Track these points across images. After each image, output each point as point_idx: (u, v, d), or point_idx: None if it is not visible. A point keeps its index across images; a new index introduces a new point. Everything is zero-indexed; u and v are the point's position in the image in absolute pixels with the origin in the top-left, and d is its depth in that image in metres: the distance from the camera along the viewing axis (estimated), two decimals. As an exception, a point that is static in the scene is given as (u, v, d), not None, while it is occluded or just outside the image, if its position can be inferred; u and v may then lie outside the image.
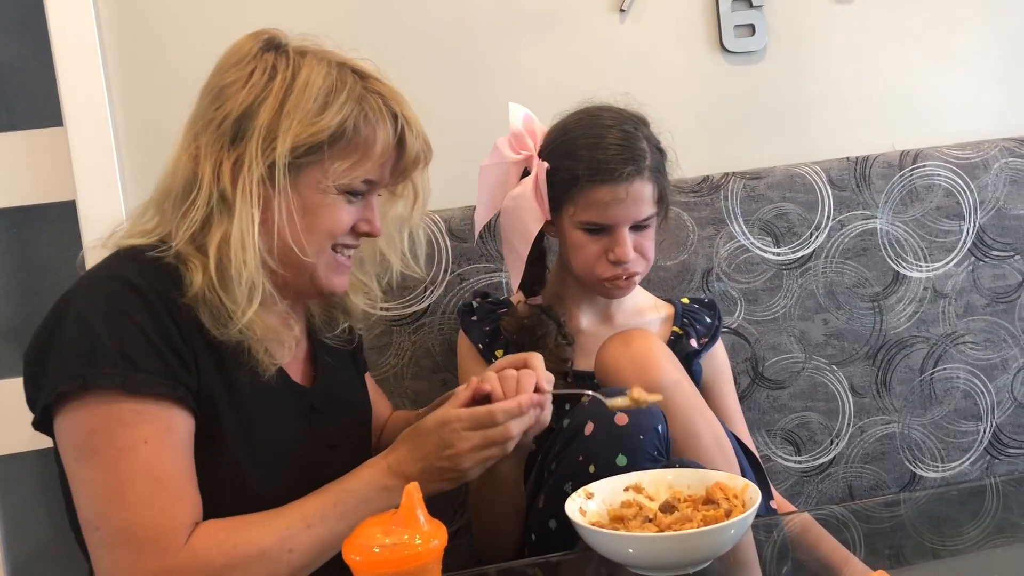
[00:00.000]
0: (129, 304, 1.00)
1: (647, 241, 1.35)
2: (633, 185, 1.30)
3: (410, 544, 0.72)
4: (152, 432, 0.98)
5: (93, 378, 0.96)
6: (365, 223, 1.13)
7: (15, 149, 1.61)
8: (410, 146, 1.12)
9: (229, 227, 1.04)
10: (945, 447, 1.75)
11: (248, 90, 1.06)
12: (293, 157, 1.05)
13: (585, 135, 1.33)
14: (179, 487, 0.99)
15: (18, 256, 1.68)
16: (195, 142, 1.07)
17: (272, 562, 0.99)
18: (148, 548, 0.95)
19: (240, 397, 1.07)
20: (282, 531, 1.00)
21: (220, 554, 0.97)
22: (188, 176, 1.06)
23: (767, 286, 1.69)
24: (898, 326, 1.73)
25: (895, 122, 1.85)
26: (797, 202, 1.70)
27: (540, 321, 1.38)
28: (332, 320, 1.26)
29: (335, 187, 1.08)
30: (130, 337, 0.99)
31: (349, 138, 1.07)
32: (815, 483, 1.71)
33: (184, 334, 1.03)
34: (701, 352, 1.43)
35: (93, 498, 0.98)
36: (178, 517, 0.97)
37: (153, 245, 1.06)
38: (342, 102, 1.06)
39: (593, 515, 1.06)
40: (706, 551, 1.00)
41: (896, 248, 1.74)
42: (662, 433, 1.16)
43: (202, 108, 1.09)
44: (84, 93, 1.57)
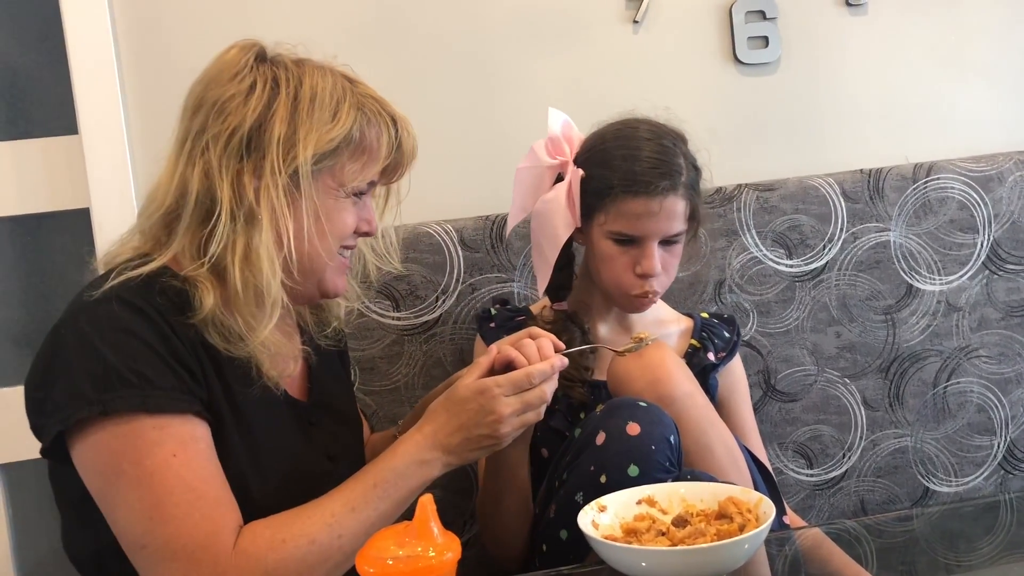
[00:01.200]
0: (133, 323, 1.00)
1: (673, 258, 1.36)
2: (667, 200, 1.30)
3: (424, 556, 0.72)
4: (178, 445, 0.98)
5: (112, 402, 0.96)
6: (365, 223, 1.15)
7: (30, 156, 1.62)
8: (406, 144, 1.15)
9: (252, 242, 1.03)
10: (958, 461, 1.74)
11: (255, 102, 1.05)
12: (315, 163, 1.06)
13: (622, 146, 1.33)
14: (216, 493, 0.99)
15: (32, 263, 1.68)
16: (201, 158, 1.05)
17: (324, 550, 0.99)
18: (199, 556, 0.96)
19: (244, 412, 1.07)
20: (328, 519, 1.01)
21: (271, 549, 0.98)
22: (200, 192, 1.04)
23: (780, 298, 1.69)
24: (911, 339, 1.73)
25: (909, 134, 1.85)
26: (810, 214, 1.70)
27: (565, 327, 1.38)
28: (323, 322, 1.27)
29: (347, 190, 1.10)
30: (141, 356, 0.98)
31: (358, 142, 1.09)
32: (827, 496, 1.70)
33: (190, 350, 1.02)
34: (718, 366, 1.43)
35: (132, 519, 0.97)
36: (221, 522, 0.98)
37: (156, 266, 1.04)
38: (348, 107, 1.09)
39: (606, 528, 1.05)
40: (719, 566, 1.00)
41: (910, 261, 1.73)
42: (674, 444, 1.16)
43: (203, 123, 1.06)
44: (99, 102, 1.57)
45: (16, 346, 1.68)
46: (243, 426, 1.07)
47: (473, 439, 1.08)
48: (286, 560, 0.98)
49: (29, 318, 1.68)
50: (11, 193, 1.62)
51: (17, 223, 1.65)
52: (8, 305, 1.67)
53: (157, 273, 1.04)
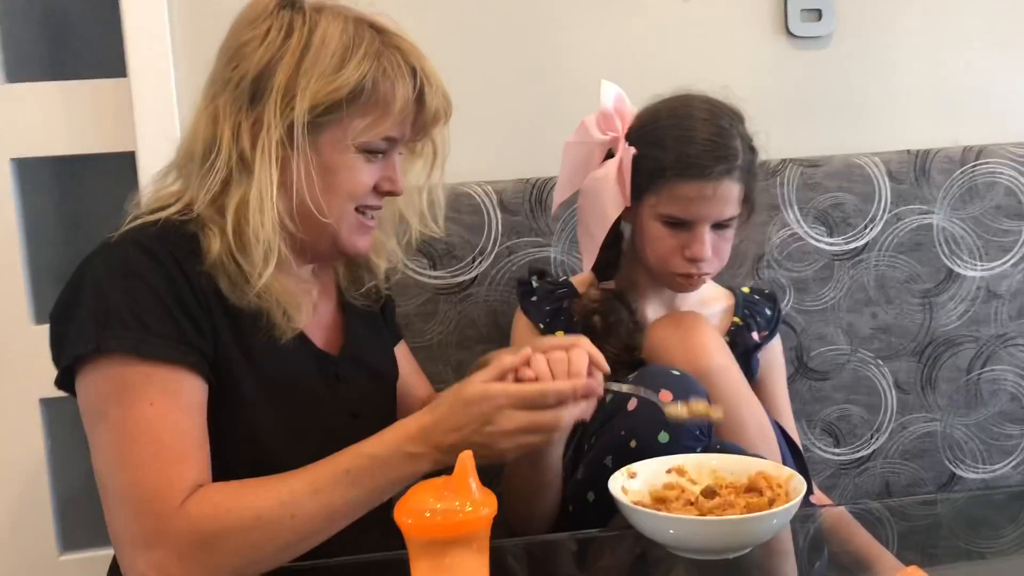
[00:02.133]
0: (144, 268, 1.00)
1: (725, 243, 1.32)
2: (721, 184, 1.26)
3: (461, 511, 0.73)
4: (158, 393, 0.97)
5: (106, 341, 0.97)
6: (387, 182, 1.11)
7: (79, 98, 1.63)
8: (429, 102, 1.10)
9: (248, 189, 1.02)
10: (987, 449, 1.74)
11: (265, 49, 1.04)
12: (312, 116, 1.03)
13: (677, 125, 1.29)
14: (182, 449, 0.97)
15: (77, 204, 1.71)
16: (213, 103, 1.06)
17: (272, 527, 0.95)
18: (143, 508, 0.94)
19: (259, 363, 1.06)
20: (284, 496, 0.96)
21: (214, 517, 0.94)
22: (207, 138, 1.05)
23: (817, 276, 1.68)
24: (948, 324, 1.71)
25: (960, 116, 1.82)
26: (854, 192, 1.68)
27: (612, 307, 1.36)
28: (358, 279, 1.25)
29: (355, 146, 1.06)
30: (144, 301, 0.99)
31: (368, 95, 1.05)
32: (852, 476, 1.71)
33: (200, 300, 1.02)
34: (761, 346, 1.41)
35: (100, 459, 0.98)
36: (177, 478, 0.96)
37: (175, 211, 1.05)
38: (360, 58, 1.04)
39: (635, 494, 1.06)
40: (747, 538, 1.01)
41: (951, 245, 1.71)
42: (706, 414, 1.16)
43: (219, 68, 1.07)
44: (148, 46, 1.58)
45: (59, 284, 1.67)
46: (259, 376, 1.06)
47: (468, 445, 0.96)
48: (226, 530, 0.94)
49: (73, 257, 1.66)
50: (59, 133, 1.63)
51: (64, 163, 1.67)
52: (52, 244, 1.69)
53: (175, 216, 1.05)
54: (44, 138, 1.63)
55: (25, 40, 1.66)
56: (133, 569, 0.94)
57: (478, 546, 0.75)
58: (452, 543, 0.73)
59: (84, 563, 1.70)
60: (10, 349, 1.63)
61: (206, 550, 0.94)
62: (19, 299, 1.64)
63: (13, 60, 1.64)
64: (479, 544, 0.75)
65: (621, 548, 1.15)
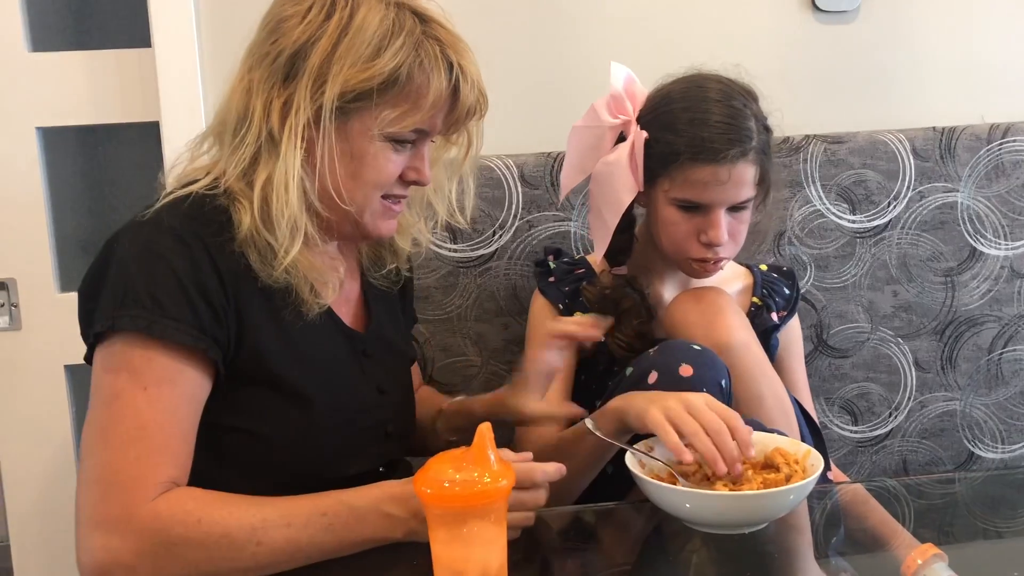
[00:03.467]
0: (168, 250, 0.99)
1: (741, 225, 1.30)
2: (736, 167, 1.24)
3: (479, 481, 0.74)
4: (155, 381, 0.97)
5: (121, 320, 0.96)
6: (413, 171, 1.09)
7: (104, 67, 1.64)
8: (464, 97, 1.07)
9: (274, 167, 1.02)
10: (1007, 428, 1.73)
11: (304, 27, 1.02)
12: (341, 102, 1.01)
13: (689, 108, 1.26)
14: (164, 440, 0.96)
15: (102, 173, 1.72)
16: (249, 75, 1.05)
17: (235, 549, 0.94)
18: (113, 492, 0.94)
19: (294, 339, 1.06)
20: (255, 521, 0.95)
21: (181, 523, 0.93)
22: (240, 110, 1.04)
23: (839, 253, 1.67)
24: (970, 303, 1.70)
25: (987, 93, 1.79)
26: (878, 170, 1.67)
27: (624, 294, 1.34)
28: (379, 260, 1.24)
29: (382, 135, 1.04)
30: (163, 282, 0.98)
31: (401, 85, 1.03)
32: (869, 454, 1.71)
33: (226, 282, 1.01)
34: (780, 326, 1.40)
35: (87, 432, 0.98)
36: (152, 469, 0.95)
37: (205, 184, 1.05)
38: (397, 48, 1.02)
39: (652, 468, 1.07)
40: (763, 514, 1.01)
41: (976, 223, 1.69)
42: (725, 388, 1.16)
43: (259, 39, 1.06)
44: (173, 16, 1.58)
45: (84, 252, 1.72)
46: (294, 352, 1.06)
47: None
48: (190, 540, 0.93)
49: (96, 226, 1.72)
50: (84, 103, 1.64)
51: (88, 133, 1.68)
52: (77, 212, 1.71)
53: (207, 190, 1.04)
54: (69, 107, 1.64)
55: (50, 10, 1.66)
56: (86, 548, 0.94)
57: (496, 517, 0.75)
58: (470, 514, 0.74)
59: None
60: (36, 316, 1.65)
61: (165, 553, 0.93)
62: (45, 267, 1.66)
63: (38, 30, 1.65)
64: (497, 515, 0.76)
65: (638, 521, 1.16)
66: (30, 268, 1.65)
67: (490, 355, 1.61)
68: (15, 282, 1.65)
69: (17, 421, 1.67)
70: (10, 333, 1.65)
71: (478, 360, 1.61)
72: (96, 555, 0.93)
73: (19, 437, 1.67)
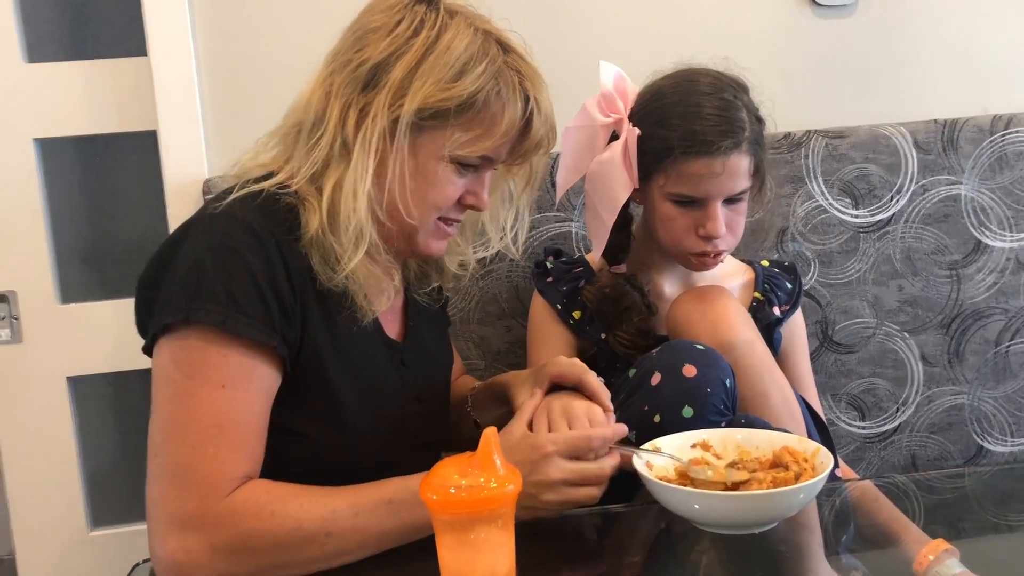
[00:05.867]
0: (244, 245, 1.00)
1: (739, 216, 1.30)
2: (730, 159, 1.25)
3: (485, 487, 0.73)
4: (231, 377, 0.97)
5: (196, 313, 0.97)
6: (472, 196, 1.10)
7: (100, 77, 1.64)
8: (535, 131, 1.09)
9: (344, 173, 1.03)
10: (1016, 422, 1.72)
11: (391, 40, 1.04)
12: (417, 118, 1.03)
13: (681, 102, 1.27)
14: (241, 437, 0.98)
15: (100, 183, 1.71)
16: (330, 78, 1.06)
17: (306, 541, 0.95)
18: (191, 489, 0.95)
19: (344, 345, 1.07)
20: (326, 513, 0.96)
21: (255, 516, 0.95)
22: (318, 111, 1.05)
23: (843, 248, 1.66)
24: (976, 296, 1.69)
25: (989, 84, 1.78)
26: (880, 164, 1.66)
27: (624, 292, 1.35)
28: (425, 277, 1.25)
29: (450, 156, 1.06)
30: (239, 278, 0.98)
31: (477, 110, 1.05)
32: (877, 450, 1.70)
33: (294, 282, 1.02)
34: (783, 320, 1.40)
35: (158, 427, 0.98)
36: (229, 466, 0.96)
37: (277, 182, 1.06)
38: (479, 73, 1.04)
39: (660, 469, 1.06)
40: (773, 513, 1.00)
41: (980, 216, 1.68)
42: (730, 388, 1.16)
43: (344, 45, 1.08)
44: (168, 24, 1.58)
45: (84, 263, 1.71)
46: (343, 358, 1.07)
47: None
48: (263, 532, 0.95)
49: (96, 237, 1.72)
50: (80, 113, 1.64)
51: (86, 143, 1.68)
52: (76, 224, 1.70)
53: (278, 189, 1.05)
54: (66, 118, 1.64)
55: (45, 20, 1.66)
56: (163, 546, 0.94)
57: (503, 522, 0.75)
58: (477, 519, 0.74)
59: (114, 538, 1.72)
60: (37, 329, 1.65)
61: (240, 547, 0.94)
62: (45, 278, 1.65)
63: (33, 40, 1.64)
64: (504, 520, 0.75)
65: (646, 523, 1.15)
66: (30, 280, 1.65)
67: (493, 358, 1.60)
68: (15, 295, 1.64)
69: (21, 435, 1.66)
70: (11, 346, 1.64)
71: (481, 363, 1.60)
72: (175, 556, 0.93)
73: (23, 451, 1.66)
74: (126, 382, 1.72)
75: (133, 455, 1.76)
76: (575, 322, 1.38)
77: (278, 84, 1.61)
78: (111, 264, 1.72)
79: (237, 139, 1.62)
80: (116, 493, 1.75)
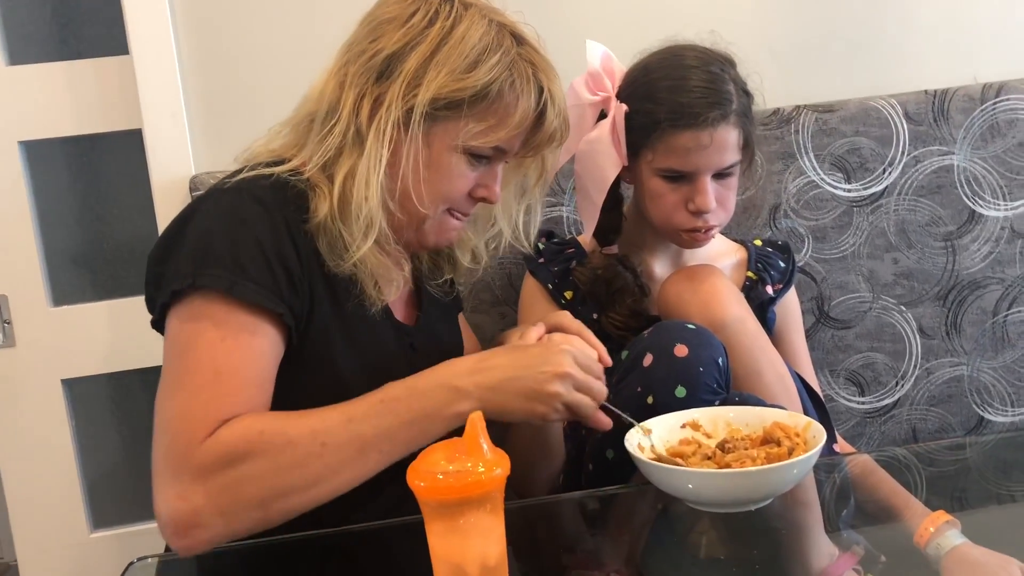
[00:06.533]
0: (252, 216, 1.00)
1: (729, 191, 1.29)
2: (718, 131, 1.24)
3: (473, 471, 0.72)
4: (232, 332, 0.97)
5: (202, 278, 0.97)
6: (483, 188, 1.11)
7: (83, 77, 1.63)
8: (548, 122, 1.10)
9: (357, 162, 1.03)
10: (1016, 391, 1.71)
11: (405, 30, 1.05)
12: (431, 108, 1.03)
13: (667, 76, 1.26)
14: (237, 384, 0.96)
15: (87, 184, 1.71)
16: (344, 68, 1.07)
17: (300, 454, 0.93)
18: (180, 433, 0.93)
19: (351, 329, 1.07)
20: (316, 424, 0.94)
21: (243, 439, 0.92)
22: (332, 101, 1.06)
23: (836, 223, 1.65)
24: (972, 266, 1.68)
25: (978, 53, 1.77)
26: (871, 136, 1.65)
27: (616, 273, 1.34)
28: (437, 269, 1.25)
29: (463, 147, 1.06)
30: (246, 247, 0.99)
31: (491, 101, 1.05)
32: (878, 425, 1.69)
33: (303, 258, 1.02)
34: (776, 299, 1.39)
35: (161, 384, 0.98)
36: (221, 409, 0.94)
37: (288, 169, 1.06)
38: (493, 64, 1.04)
39: (652, 450, 1.05)
40: (767, 489, 1.00)
41: (973, 185, 1.67)
42: (722, 366, 1.15)
43: (358, 36, 1.09)
44: (149, 21, 1.57)
45: (75, 265, 1.71)
46: (349, 341, 1.07)
47: (518, 386, 1.00)
48: (253, 452, 0.92)
49: (85, 238, 1.71)
50: (65, 114, 1.63)
51: (72, 144, 1.67)
52: (65, 225, 1.70)
53: (287, 173, 1.05)
54: (51, 119, 1.63)
55: (26, 21, 1.65)
56: (162, 500, 0.92)
57: (492, 506, 0.74)
58: (466, 504, 0.73)
59: (115, 539, 1.73)
60: (30, 331, 1.65)
61: (236, 480, 0.91)
62: (36, 281, 1.65)
63: (15, 42, 1.64)
64: (493, 504, 0.74)
65: (642, 505, 1.15)
66: (21, 283, 1.64)
67: (487, 345, 1.58)
68: (6, 299, 1.64)
69: (18, 439, 1.66)
70: (4, 350, 1.64)
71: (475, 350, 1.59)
72: (172, 505, 0.91)
73: (21, 455, 1.66)
74: (122, 382, 1.72)
75: (132, 455, 1.76)
76: (567, 302, 1.37)
77: (262, 79, 1.62)
78: (102, 265, 1.71)
79: (222, 135, 1.62)
80: (116, 494, 1.75)
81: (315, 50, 1.11)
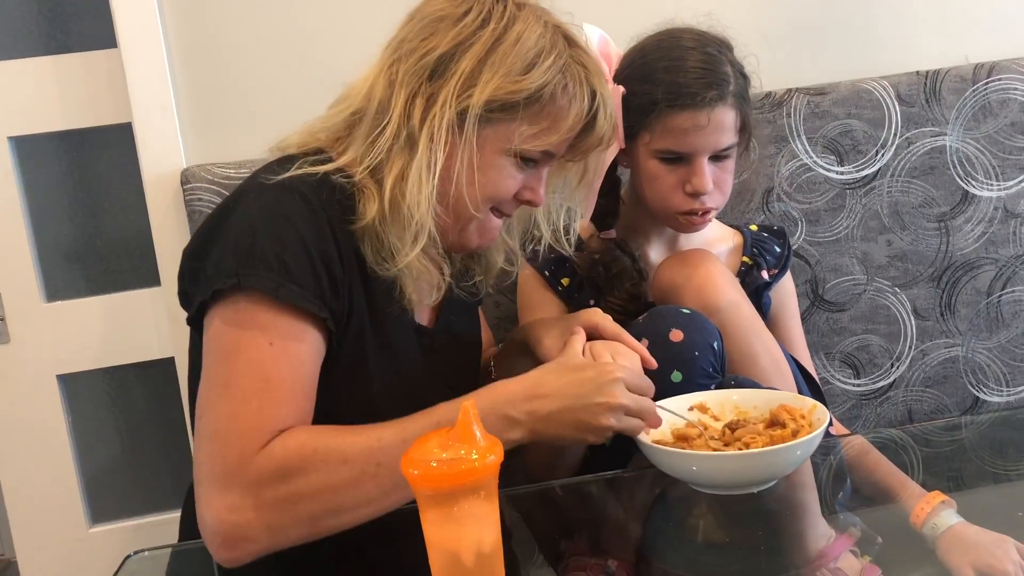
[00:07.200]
0: (298, 214, 0.98)
1: (726, 174, 1.29)
2: (715, 111, 1.23)
3: (467, 459, 0.72)
4: (279, 337, 0.95)
5: (247, 278, 0.95)
6: (529, 191, 1.09)
7: (72, 71, 1.62)
8: (599, 126, 1.08)
9: (408, 164, 1.01)
10: (1011, 371, 1.71)
11: (459, 30, 1.03)
12: (486, 110, 1.02)
13: (664, 57, 1.26)
14: (286, 392, 0.95)
15: (78, 178, 1.70)
16: (394, 67, 1.04)
17: (355, 474, 0.92)
18: (232, 442, 0.92)
19: (383, 330, 1.06)
20: (372, 443, 0.93)
21: (298, 456, 0.91)
22: (383, 100, 1.03)
23: (829, 206, 1.65)
24: (965, 247, 1.68)
25: (970, 33, 1.76)
26: (863, 119, 1.64)
27: (615, 257, 1.34)
28: (468, 271, 1.23)
29: (514, 150, 1.05)
30: (291, 246, 0.97)
31: (544, 104, 1.04)
32: (873, 407, 1.69)
33: (344, 260, 1.01)
34: (771, 284, 1.39)
35: (205, 388, 0.96)
36: (272, 419, 0.93)
37: (335, 167, 1.04)
38: (547, 66, 1.03)
39: (656, 434, 1.05)
40: (771, 471, 1.00)
41: (966, 166, 1.67)
42: (717, 350, 1.15)
43: (408, 33, 1.06)
44: (137, 14, 1.56)
45: (67, 260, 1.71)
46: (381, 343, 1.06)
47: (569, 418, 0.98)
48: (308, 469, 0.91)
49: (77, 233, 1.71)
50: (54, 109, 1.62)
51: (62, 139, 1.66)
52: (56, 220, 1.69)
53: (334, 173, 1.03)
54: (40, 114, 1.62)
55: (12, 17, 1.64)
56: (209, 509, 0.91)
57: (486, 493, 0.74)
58: (460, 492, 0.73)
59: (113, 533, 1.73)
60: (24, 327, 1.64)
61: (288, 496, 0.91)
62: (28, 277, 1.64)
63: (2, 37, 1.63)
64: (487, 491, 0.74)
65: (642, 488, 1.15)
66: (14, 279, 1.64)
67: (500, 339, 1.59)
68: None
69: (14, 436, 1.66)
70: (-2, 347, 1.64)
71: (472, 340, 1.59)
72: (221, 516, 0.91)
73: (17, 452, 1.66)
74: (117, 377, 1.72)
75: (129, 450, 1.76)
76: (564, 288, 1.37)
77: (251, 70, 1.61)
78: (95, 260, 1.71)
79: (213, 127, 1.62)
80: (114, 488, 1.75)
81: (303, 41, 1.10)
